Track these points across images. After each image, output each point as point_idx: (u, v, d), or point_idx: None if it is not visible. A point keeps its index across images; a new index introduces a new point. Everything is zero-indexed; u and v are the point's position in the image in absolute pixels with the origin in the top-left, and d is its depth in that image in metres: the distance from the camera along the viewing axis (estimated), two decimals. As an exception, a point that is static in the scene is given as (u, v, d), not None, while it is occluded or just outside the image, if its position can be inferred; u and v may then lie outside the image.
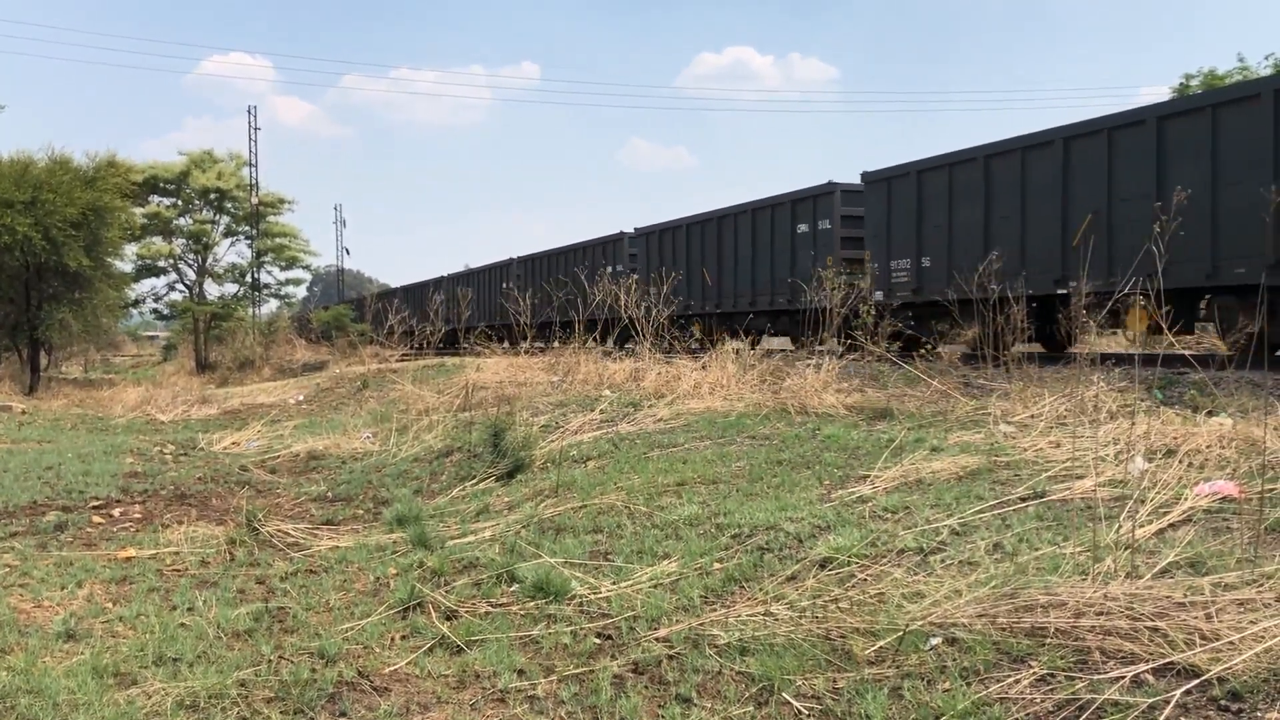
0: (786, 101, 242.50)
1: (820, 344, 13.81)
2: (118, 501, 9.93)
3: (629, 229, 25.93)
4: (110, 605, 6.17)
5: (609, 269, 23.91)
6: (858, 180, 17.95)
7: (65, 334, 28.15)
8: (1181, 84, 33.29)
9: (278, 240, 44.84)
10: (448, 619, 5.55)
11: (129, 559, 7.36)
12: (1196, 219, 11.10)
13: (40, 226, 24.52)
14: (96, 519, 8.97)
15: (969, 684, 3.87)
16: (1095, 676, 3.69)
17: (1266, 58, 32.33)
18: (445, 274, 40.98)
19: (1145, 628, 3.94)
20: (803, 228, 18.98)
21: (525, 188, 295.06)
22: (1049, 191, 13.95)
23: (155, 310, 45.62)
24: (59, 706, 4.48)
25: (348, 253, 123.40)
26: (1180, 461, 6.58)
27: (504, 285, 29.88)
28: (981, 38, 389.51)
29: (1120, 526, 5.23)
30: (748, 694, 4.22)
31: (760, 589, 5.34)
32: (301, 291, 62.37)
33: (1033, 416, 8.70)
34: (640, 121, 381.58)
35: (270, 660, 5.01)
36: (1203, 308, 10.87)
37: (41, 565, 7.15)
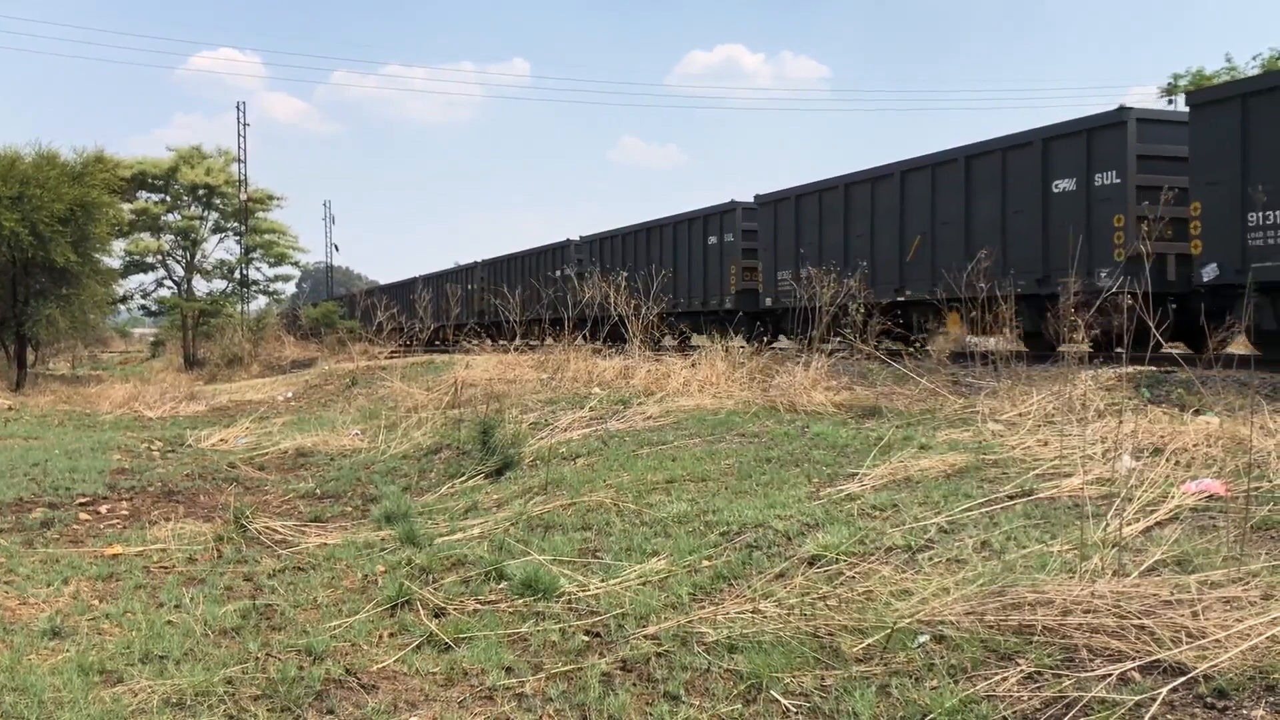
0: (778, 100, 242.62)
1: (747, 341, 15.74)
2: (105, 498, 9.89)
3: (575, 236, 28.82)
4: (97, 602, 6.15)
5: (558, 271, 27.24)
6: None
7: (52, 330, 27.92)
8: (1170, 83, 33.40)
9: (267, 237, 44.64)
10: (436, 616, 5.54)
11: (116, 556, 7.33)
12: (993, 240, 14.26)
13: (27, 222, 24.37)
14: (83, 516, 8.93)
15: (957, 681, 3.88)
16: (1082, 674, 3.70)
17: (1255, 57, 32.47)
18: (434, 271, 40.97)
19: (1132, 625, 3.96)
20: (712, 240, 21.94)
21: (516, 185, 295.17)
22: (891, 216, 16.72)
23: (143, 306, 45.39)
24: (44, 704, 4.45)
25: (337, 249, 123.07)
26: (1167, 460, 6.61)
27: (469, 286, 32.17)
28: (973, 37, 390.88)
29: (1108, 525, 5.25)
30: (736, 691, 4.23)
31: (749, 587, 5.35)
32: (290, 288, 62.30)
33: (1021, 415, 8.73)
34: (632, 119, 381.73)
35: (258, 658, 5.00)
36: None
37: (27, 562, 7.11)
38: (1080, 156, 13.41)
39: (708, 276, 21.80)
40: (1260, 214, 11.13)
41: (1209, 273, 11.71)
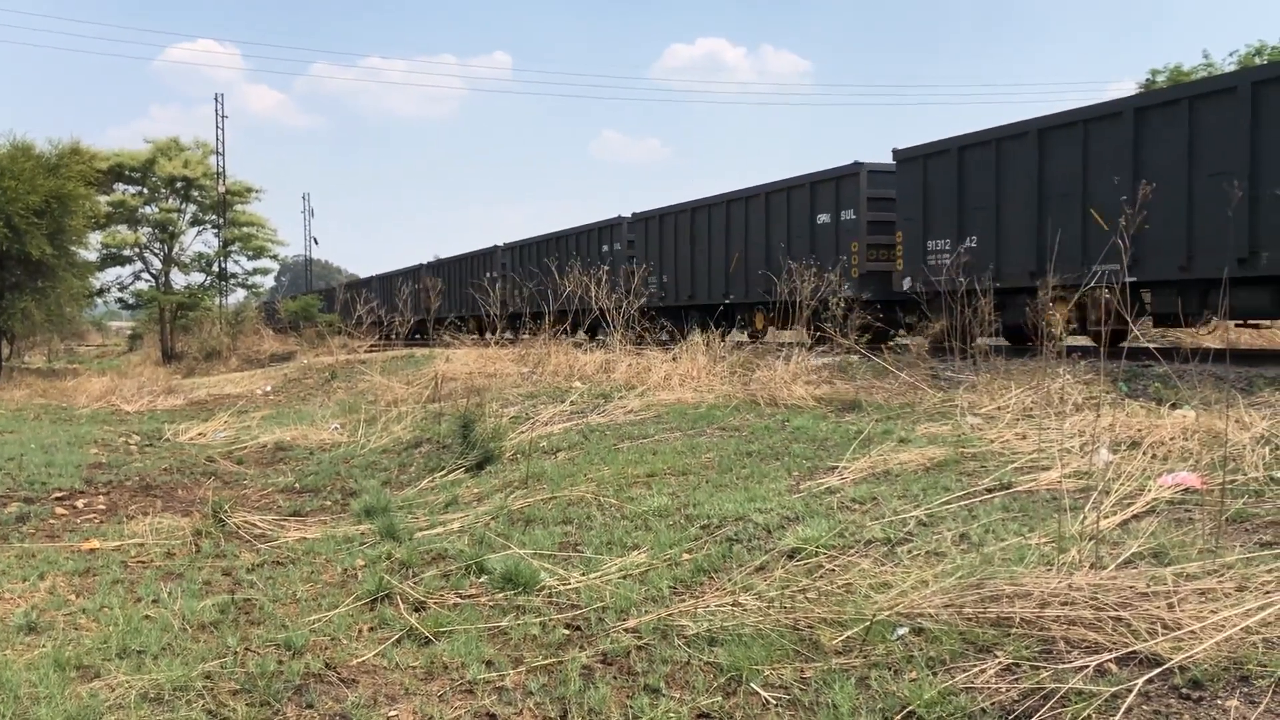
0: (759, 94, 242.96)
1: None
2: (82, 493, 9.82)
3: (500, 242, 32.19)
4: (73, 597, 6.10)
5: (488, 275, 30.07)
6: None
7: (28, 323, 27.68)
8: (1149, 79, 33.61)
9: (245, 229, 44.30)
10: (416, 610, 5.53)
11: (93, 551, 7.28)
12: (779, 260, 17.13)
13: (2, 215, 24.15)
14: (60, 510, 8.87)
15: (935, 673, 3.90)
16: (1060, 666, 3.72)
17: (1231, 54, 32.72)
18: (414, 264, 40.76)
19: (1109, 617, 3.99)
20: (604, 247, 24.68)
21: (497, 178, 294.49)
22: (719, 236, 20.54)
23: (120, 300, 44.93)
24: (20, 700, 4.42)
25: (316, 242, 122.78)
26: (1144, 453, 6.65)
27: (415, 286, 31.26)
28: (955, 31, 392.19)
29: (1085, 517, 5.28)
30: (716, 684, 4.23)
31: (729, 580, 5.36)
32: (269, 281, 61.91)
33: (999, 408, 8.77)
34: (613, 113, 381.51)
35: (236, 652, 4.98)
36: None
37: (3, 557, 7.06)
38: (831, 197, 17.73)
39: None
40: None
41: (905, 284, 15.97)
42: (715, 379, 12.56)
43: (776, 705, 4.00)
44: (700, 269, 21.11)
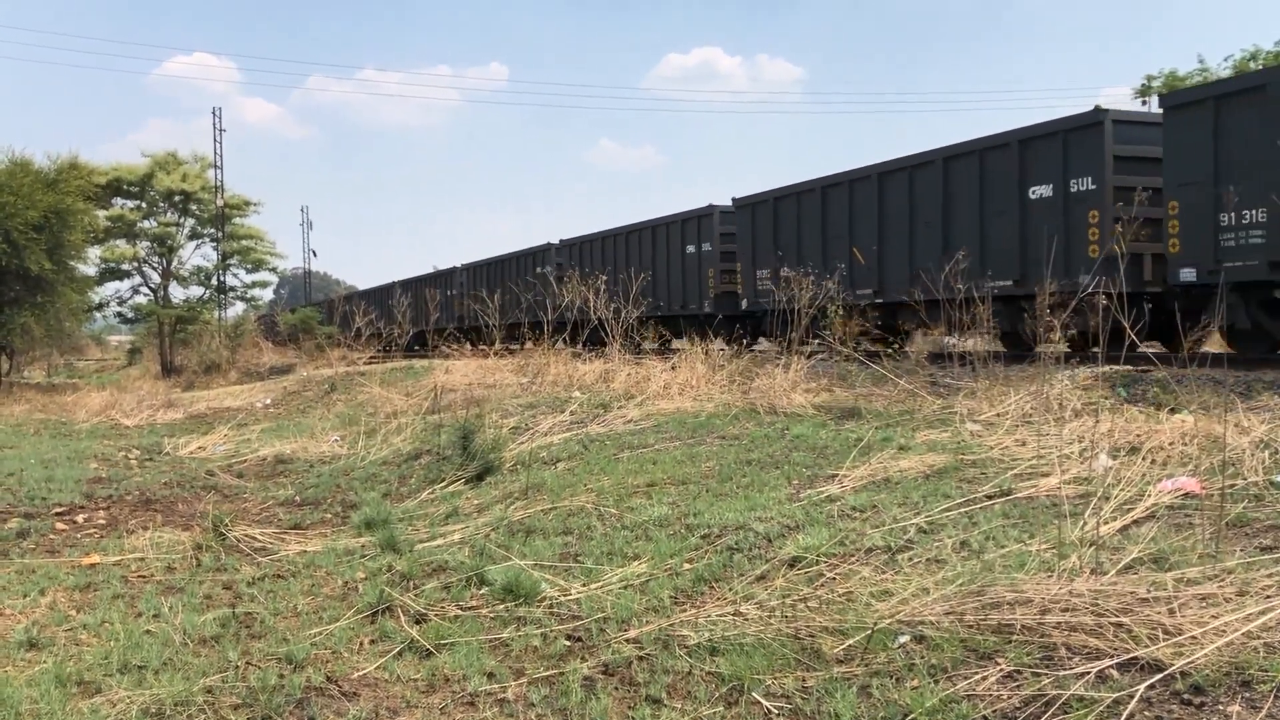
0: (754, 102, 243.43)
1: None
2: (82, 508, 9.81)
3: (459, 262, 35.13)
4: (74, 613, 6.10)
5: (450, 291, 33.33)
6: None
7: (27, 338, 27.70)
8: (1144, 85, 33.68)
9: (244, 242, 44.26)
10: (417, 623, 5.52)
11: (93, 566, 7.27)
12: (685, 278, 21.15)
13: (1, 230, 24.16)
14: (60, 525, 8.86)
15: (937, 681, 3.90)
16: (1061, 672, 3.72)
17: (1226, 59, 32.76)
18: (413, 275, 40.89)
19: (1110, 623, 3.99)
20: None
21: (494, 188, 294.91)
22: (635, 258, 23.14)
23: (119, 314, 44.86)
24: (21, 716, 4.41)
25: (314, 255, 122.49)
26: (1144, 458, 6.65)
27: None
28: (948, 38, 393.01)
29: (1085, 523, 5.29)
30: (718, 694, 4.23)
31: (730, 589, 5.35)
32: (268, 294, 61.71)
33: (999, 415, 8.78)
34: (608, 122, 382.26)
35: (237, 666, 4.97)
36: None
37: (3, 573, 7.04)
38: (694, 232, 22.14)
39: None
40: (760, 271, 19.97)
41: (744, 304, 19.89)
42: (714, 387, 12.58)
43: (778, 714, 3.99)
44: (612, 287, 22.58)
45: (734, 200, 20.75)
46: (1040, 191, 13.82)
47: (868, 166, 17.19)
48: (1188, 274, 11.74)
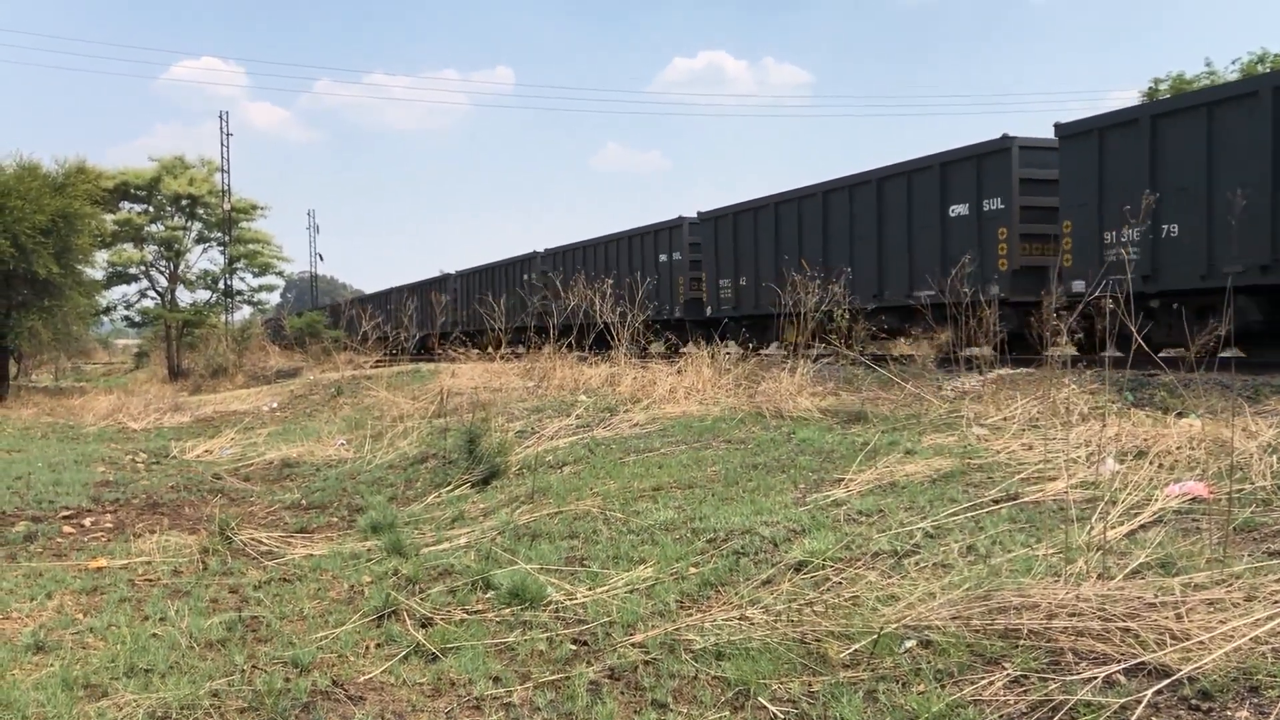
0: (760, 106, 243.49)
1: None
2: (89, 511, 9.83)
3: (451, 269, 36.38)
4: (81, 616, 6.11)
5: (444, 296, 33.54)
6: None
7: (35, 342, 27.74)
8: (1151, 88, 33.65)
9: (250, 246, 44.42)
10: (423, 626, 5.52)
11: (100, 569, 7.29)
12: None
13: (9, 234, 24.22)
14: (67, 529, 8.88)
15: (943, 686, 3.89)
16: (1068, 677, 3.71)
17: (1234, 62, 32.74)
18: (418, 280, 41.09)
19: (1117, 628, 3.98)
20: (525, 277, 28.67)
21: (500, 193, 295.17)
22: (614, 266, 24.50)
23: (127, 317, 45.07)
24: (28, 719, 4.42)
25: (321, 258, 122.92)
26: (1151, 463, 6.64)
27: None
28: (954, 41, 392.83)
29: (1092, 528, 5.27)
30: (723, 698, 4.23)
31: (736, 593, 5.35)
32: (275, 298, 61.91)
33: (1005, 419, 8.76)
34: (615, 126, 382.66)
35: (244, 670, 4.97)
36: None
37: (10, 576, 7.06)
38: (666, 241, 23.88)
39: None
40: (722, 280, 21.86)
41: (708, 311, 21.62)
42: (720, 391, 12.57)
43: (784, 719, 3.99)
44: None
45: (699, 214, 22.50)
46: (959, 210, 15.38)
47: (814, 185, 18.66)
48: (1078, 285, 12.93)
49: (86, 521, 9.28)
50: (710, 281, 21.85)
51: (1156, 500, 5.79)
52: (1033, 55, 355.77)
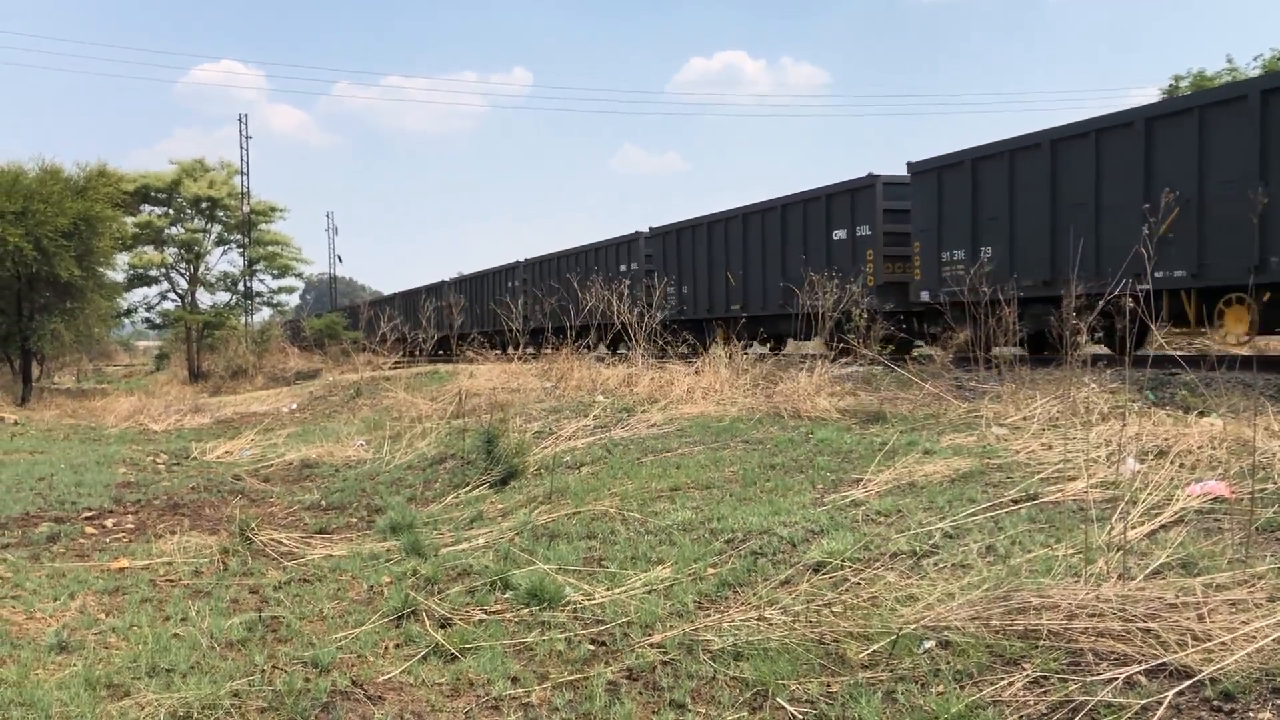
0: (778, 106, 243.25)
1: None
2: (110, 512, 9.90)
3: (450, 275, 37.21)
4: (103, 616, 6.16)
5: (440, 301, 34.56)
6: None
7: (57, 344, 27.94)
8: (1171, 85, 33.40)
9: (270, 248, 44.63)
10: (442, 627, 5.54)
11: (122, 570, 7.34)
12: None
13: (31, 237, 24.42)
14: (89, 530, 8.95)
15: (962, 687, 3.88)
16: (1088, 678, 3.69)
17: (1256, 58, 32.45)
18: (437, 281, 41.23)
19: (1137, 629, 3.95)
20: (508, 284, 29.85)
21: (518, 194, 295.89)
22: (582, 275, 24.09)
23: (147, 320, 45.30)
24: (51, 719, 4.46)
25: (340, 260, 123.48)
26: (1171, 462, 6.59)
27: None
28: (973, 40, 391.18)
29: (1112, 528, 5.24)
30: (742, 699, 4.22)
31: (754, 594, 5.34)
32: (294, 299, 62.33)
33: (1025, 418, 8.72)
34: (632, 127, 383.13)
35: (264, 670, 5.00)
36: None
37: (34, 577, 7.12)
38: (625, 253, 25.84)
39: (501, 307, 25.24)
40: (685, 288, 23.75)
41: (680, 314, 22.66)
42: (738, 391, 12.55)
43: (803, 719, 3.98)
44: (563, 302, 25.05)
45: (650, 229, 25.12)
46: (839, 234, 18.42)
47: (738, 208, 21.55)
48: (925, 295, 16.21)
49: (108, 522, 9.35)
50: (666, 290, 23.53)
51: (1177, 500, 5.75)
52: (1051, 55, 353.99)
